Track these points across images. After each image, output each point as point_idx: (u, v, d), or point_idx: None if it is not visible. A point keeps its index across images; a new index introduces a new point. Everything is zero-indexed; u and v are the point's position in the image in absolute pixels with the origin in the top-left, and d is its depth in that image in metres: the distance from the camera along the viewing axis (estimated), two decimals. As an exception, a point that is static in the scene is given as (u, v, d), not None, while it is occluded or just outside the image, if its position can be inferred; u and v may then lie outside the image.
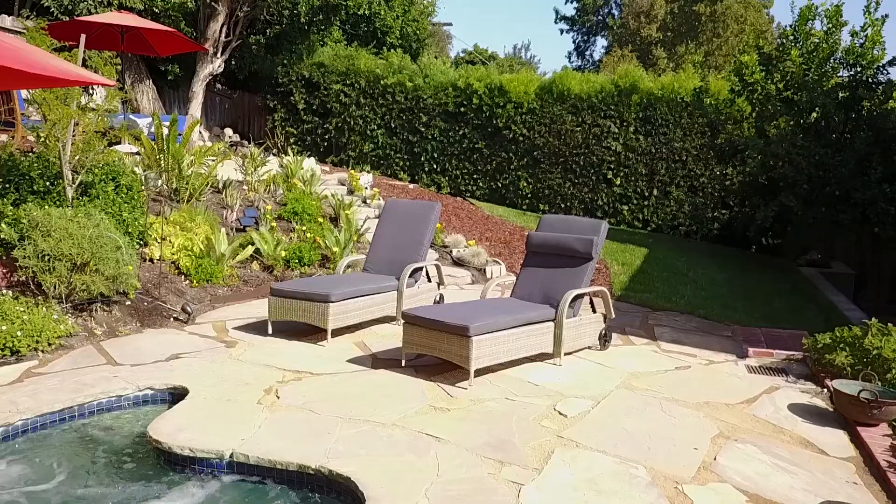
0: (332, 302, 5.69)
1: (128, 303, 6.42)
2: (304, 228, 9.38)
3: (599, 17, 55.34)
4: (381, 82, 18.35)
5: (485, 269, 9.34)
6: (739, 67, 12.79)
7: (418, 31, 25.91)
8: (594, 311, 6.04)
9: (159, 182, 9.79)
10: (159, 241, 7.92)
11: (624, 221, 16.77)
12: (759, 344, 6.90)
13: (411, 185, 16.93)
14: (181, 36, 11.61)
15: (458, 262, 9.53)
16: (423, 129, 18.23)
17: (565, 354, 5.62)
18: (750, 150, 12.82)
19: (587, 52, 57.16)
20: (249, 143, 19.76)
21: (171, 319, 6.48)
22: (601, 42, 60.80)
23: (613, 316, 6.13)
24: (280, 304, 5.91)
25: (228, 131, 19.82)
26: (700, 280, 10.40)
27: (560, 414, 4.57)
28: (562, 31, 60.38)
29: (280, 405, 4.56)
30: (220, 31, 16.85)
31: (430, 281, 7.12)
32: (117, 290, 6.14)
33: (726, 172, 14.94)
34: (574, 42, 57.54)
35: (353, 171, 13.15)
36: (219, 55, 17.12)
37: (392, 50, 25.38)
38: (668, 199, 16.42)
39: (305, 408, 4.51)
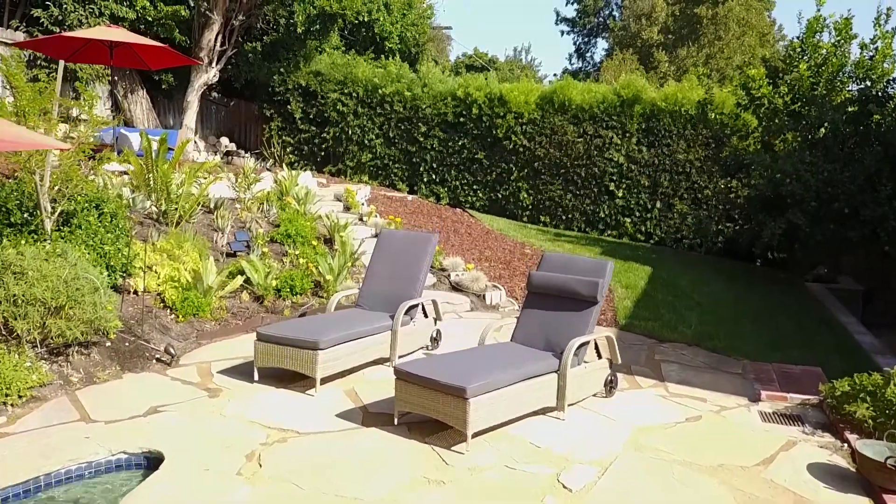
0: (322, 349, 5.36)
1: (108, 343, 6.09)
2: (297, 253, 9.05)
3: (600, 19, 55.01)
4: (380, 91, 18.03)
5: (484, 295, 9.01)
6: (746, 81, 12.45)
7: (417, 36, 25.62)
8: (599, 355, 5.71)
9: (148, 203, 9.48)
10: (145, 270, 7.61)
11: (626, 234, 16.45)
12: (771, 384, 6.58)
13: (409, 197, 16.61)
14: (172, 51, 11.26)
15: (457, 287, 9.21)
16: (421, 139, 17.92)
17: (569, 405, 5.29)
18: (756, 165, 12.49)
19: (588, 54, 56.81)
20: (246, 152, 19.45)
21: (154, 361, 6.16)
22: (602, 44, 60.46)
23: (619, 361, 5.80)
24: (266, 349, 5.58)
25: (224, 140, 19.50)
26: (705, 302, 10.07)
27: (564, 487, 4.22)
28: (562, 33, 59.93)
29: (262, 476, 4.22)
30: (215, 40, 16.54)
31: (426, 316, 6.80)
32: (96, 331, 5.82)
33: (731, 186, 14.59)
34: (575, 44, 57.18)
35: (349, 187, 12.82)
36: (214, 64, 16.81)
37: (391, 56, 25.09)
38: (671, 212, 16.10)
39: (289, 480, 4.15)
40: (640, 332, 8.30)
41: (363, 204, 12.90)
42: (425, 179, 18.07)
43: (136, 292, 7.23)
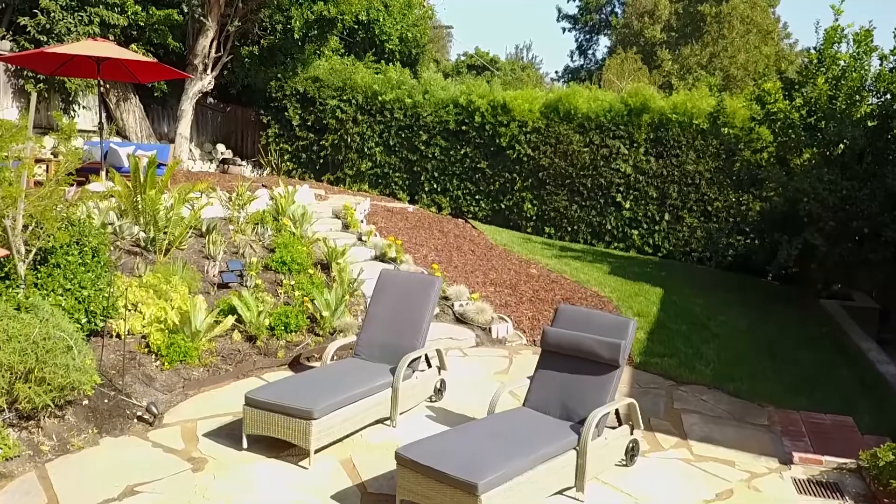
0: (316, 419, 4.88)
1: (85, 402, 5.61)
2: (293, 283, 8.57)
3: (602, 16, 54.44)
4: (380, 98, 17.54)
5: (490, 328, 8.53)
6: (761, 94, 11.94)
7: (418, 37, 25.10)
8: (620, 421, 5.23)
9: (136, 230, 8.99)
10: (130, 308, 7.13)
11: (633, 246, 15.98)
12: (801, 440, 6.11)
13: (410, 209, 16.11)
14: (163, 66, 10.76)
15: (461, 319, 8.73)
16: (422, 148, 17.43)
17: (588, 481, 4.81)
18: (771, 181, 11.99)
19: (589, 52, 56.26)
20: (242, 159, 18.97)
21: (135, 420, 5.67)
22: (604, 41, 59.91)
23: (642, 427, 5.32)
24: (256, 416, 5.09)
25: (220, 147, 19.01)
26: (722, 332, 9.60)
27: None
28: (564, 30, 59.43)
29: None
30: (210, 46, 16.05)
31: (429, 366, 6.32)
32: (72, 390, 5.34)
33: (743, 199, 14.10)
34: (576, 41, 56.61)
35: (347, 204, 12.33)
36: (209, 71, 16.32)
37: (391, 57, 24.59)
38: (680, 225, 15.63)
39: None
40: (657, 371, 7.82)
41: (362, 221, 12.41)
42: (426, 189, 17.59)
43: (118, 335, 6.75)
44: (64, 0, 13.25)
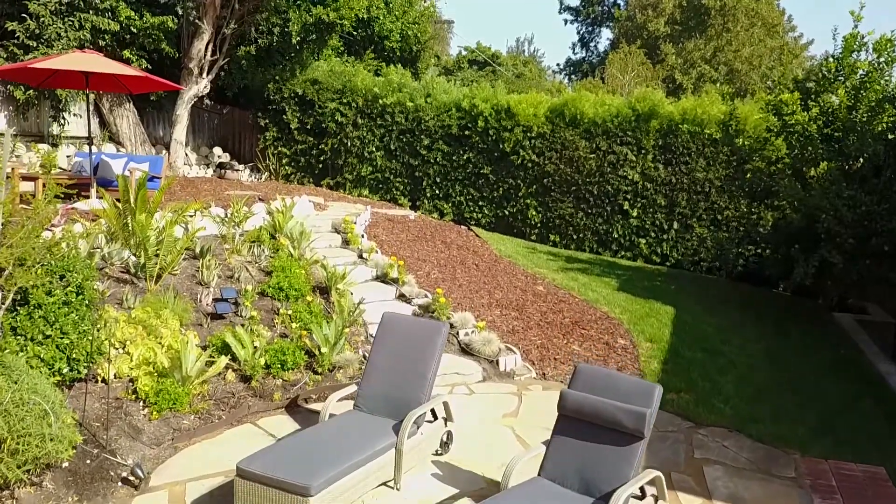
0: (313, 496, 4.48)
1: (65, 464, 5.21)
2: (290, 313, 8.16)
3: (605, 7, 53.84)
4: (380, 101, 17.11)
5: (497, 361, 8.12)
6: (778, 105, 11.49)
7: (419, 34, 24.62)
8: (643, 494, 4.83)
9: (125, 254, 8.57)
10: (117, 347, 6.73)
11: (641, 255, 15.58)
12: (832, 496, 5.73)
13: (412, 216, 15.69)
14: (154, 79, 10.31)
15: (466, 350, 8.31)
16: (424, 153, 17.01)
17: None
18: (787, 195, 11.56)
19: (591, 44, 55.67)
20: (240, 163, 18.55)
21: (120, 484, 5.27)
22: (606, 33, 59.31)
23: (667, 498, 4.91)
24: (249, 489, 4.68)
25: (217, 150, 18.57)
26: (738, 360, 9.20)
27: None
28: (566, 22, 58.71)
29: None
30: (206, 49, 15.59)
31: (435, 417, 5.91)
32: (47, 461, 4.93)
33: (755, 210, 13.67)
34: (578, 33, 56.00)
35: (347, 218, 11.91)
36: (204, 75, 15.88)
37: (391, 58, 24.14)
38: (689, 234, 15.23)
39: None
40: (673, 410, 7.41)
41: (362, 236, 11.99)
42: (428, 194, 17.18)
43: (104, 380, 6.34)
44: (54, 5, 12.77)
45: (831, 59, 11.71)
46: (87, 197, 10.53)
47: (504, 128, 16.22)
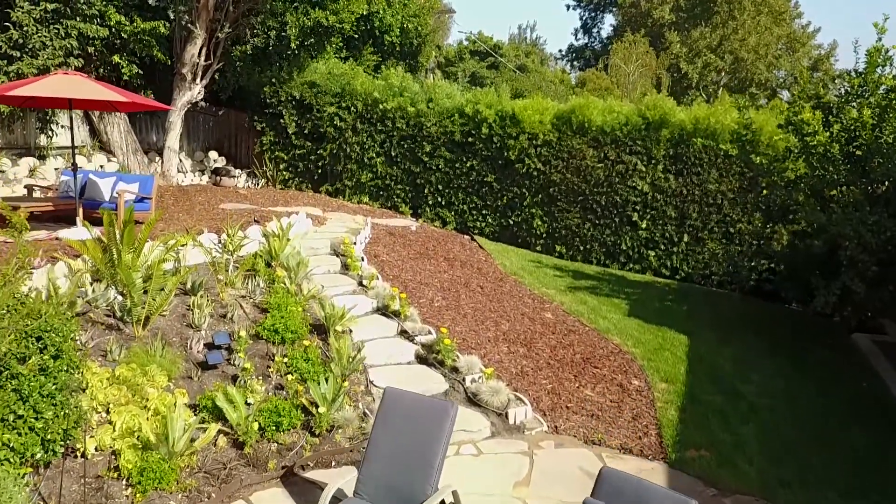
0: None
1: (37, 568, 4.76)
2: (286, 360, 7.68)
3: (608, -7, 53.07)
4: (380, 106, 16.55)
5: (506, 413, 7.64)
6: (798, 124, 10.95)
7: (419, 27, 24.00)
8: None
9: (111, 294, 8.09)
10: (99, 411, 6.27)
11: (650, 268, 15.11)
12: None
13: (413, 227, 15.19)
14: (142, 100, 9.75)
15: (473, 400, 7.83)
16: (426, 159, 16.49)
17: None
18: (807, 218, 11.04)
19: (594, 30, 54.92)
20: (236, 167, 18.03)
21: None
22: (609, 19, 58.57)
23: None
24: None
25: (213, 154, 18.04)
26: (759, 403, 8.72)
27: None
28: (568, 7, 57.92)
29: None
30: (199, 54, 15.02)
31: None
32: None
33: (773, 229, 13.15)
34: (581, 19, 55.29)
35: (346, 241, 11.39)
36: (198, 80, 15.31)
37: (391, 52, 23.53)
38: (699, 247, 14.74)
39: None
40: (695, 472, 6.95)
41: (363, 259, 11.48)
42: (430, 202, 16.66)
43: (83, 455, 5.87)
44: (38, 13, 12.17)
45: (854, 74, 11.15)
46: (73, 223, 10.03)
47: (509, 135, 15.68)
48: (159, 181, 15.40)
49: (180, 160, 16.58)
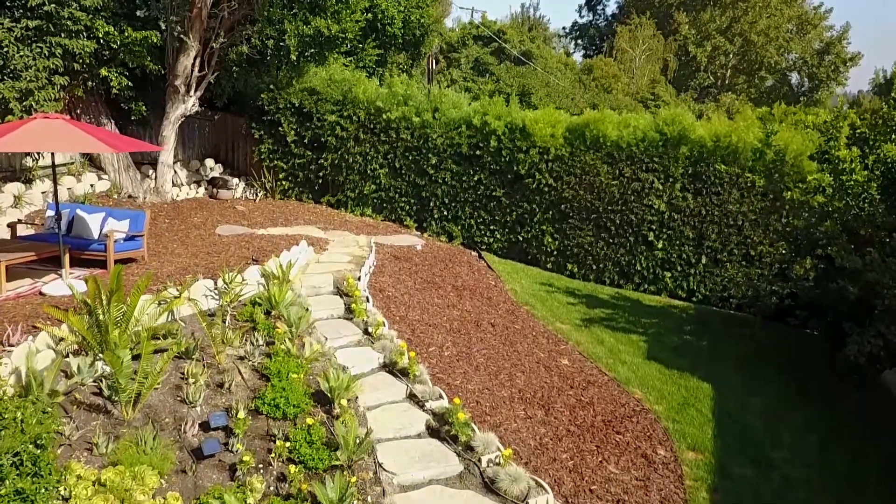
0: None
1: None
2: (287, 446, 7.08)
3: (613, -30, 51.82)
4: (384, 116, 15.79)
5: (527, 503, 7.07)
6: (834, 161, 10.25)
7: (422, 18, 23.18)
8: None
9: (98, 366, 7.48)
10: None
11: (666, 289, 14.50)
12: None
13: (419, 245, 14.51)
14: (127, 143, 9.05)
15: (491, 487, 7.25)
16: (432, 172, 15.79)
17: None
18: (840, 257, 10.38)
19: (599, 7, 53.74)
20: (234, 175, 17.32)
21: None
22: (615, -4, 57.42)
23: None
24: None
25: (210, 162, 17.33)
26: (792, 475, 8.16)
27: None
28: (572, -17, 56.65)
29: None
30: (193, 65, 14.24)
31: None
32: None
33: (802, 264, 12.46)
34: (586, -5, 54.05)
35: (350, 280, 10.73)
36: (192, 92, 14.57)
37: (393, 44, 22.69)
38: (718, 269, 14.12)
39: None
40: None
41: (368, 299, 10.84)
42: (436, 216, 16.00)
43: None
44: (19, 31, 11.40)
45: (887, 107, 10.44)
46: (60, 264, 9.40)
47: (519, 148, 14.96)
48: (153, 198, 14.71)
49: (175, 172, 15.87)
